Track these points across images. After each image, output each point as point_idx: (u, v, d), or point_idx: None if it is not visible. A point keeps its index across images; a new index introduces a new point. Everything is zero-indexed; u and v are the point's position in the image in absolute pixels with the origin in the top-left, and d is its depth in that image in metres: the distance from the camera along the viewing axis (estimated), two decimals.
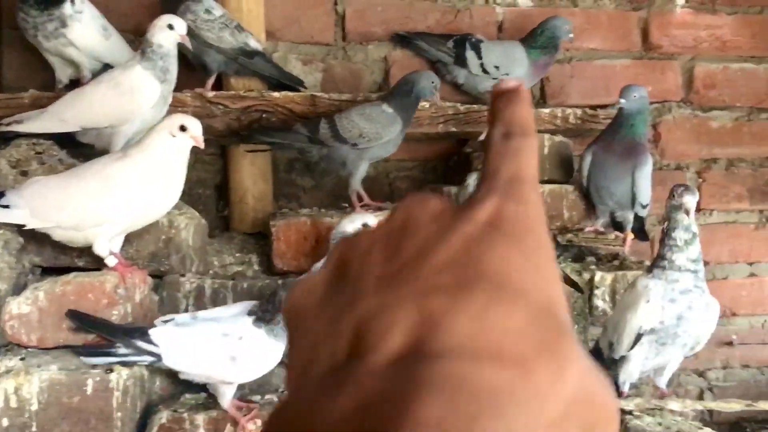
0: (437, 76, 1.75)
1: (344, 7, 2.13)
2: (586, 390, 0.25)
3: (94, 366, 1.31)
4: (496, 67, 2.02)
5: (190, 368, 1.36)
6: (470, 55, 2.02)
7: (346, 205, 1.87)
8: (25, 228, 1.38)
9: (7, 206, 1.34)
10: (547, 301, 0.26)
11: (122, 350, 1.32)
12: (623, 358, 1.39)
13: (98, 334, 1.33)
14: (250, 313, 1.37)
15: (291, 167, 2.11)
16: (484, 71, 2.02)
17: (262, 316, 1.35)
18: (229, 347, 1.34)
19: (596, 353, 1.50)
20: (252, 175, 1.95)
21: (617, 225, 1.94)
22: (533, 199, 0.29)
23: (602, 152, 1.83)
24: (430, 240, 0.28)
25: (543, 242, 0.28)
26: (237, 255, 1.82)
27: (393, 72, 2.15)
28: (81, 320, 1.33)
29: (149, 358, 1.33)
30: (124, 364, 1.33)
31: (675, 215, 1.38)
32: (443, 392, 0.23)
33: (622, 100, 1.77)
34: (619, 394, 1.41)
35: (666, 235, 1.39)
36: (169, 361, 1.34)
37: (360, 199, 1.78)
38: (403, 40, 2.10)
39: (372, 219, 1.52)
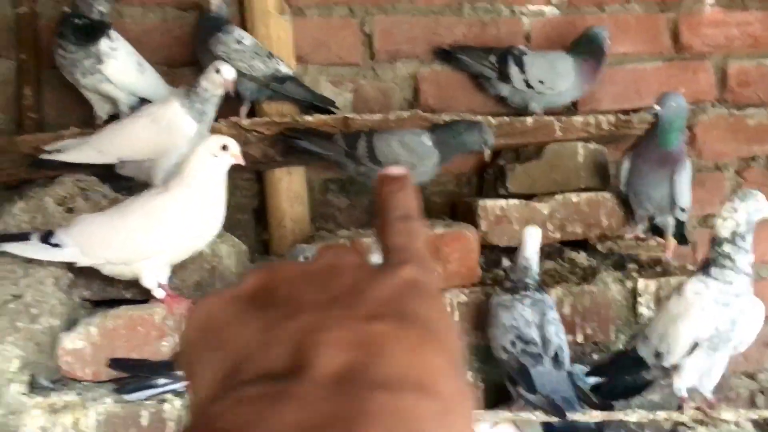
0: (489, 132, 1.72)
1: (371, 27, 2.15)
2: (473, 429, 0.28)
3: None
4: (541, 82, 2.00)
5: None
6: (513, 70, 2.00)
7: None
8: (75, 265, 1.41)
9: (57, 245, 1.38)
10: (457, 351, 0.30)
11: (162, 380, 1.33)
12: (676, 367, 1.38)
13: (143, 375, 1.35)
14: None
15: (326, 188, 2.13)
16: (528, 86, 2.01)
17: None
18: None
19: (637, 361, 1.46)
20: (289, 198, 1.97)
21: (657, 230, 1.92)
22: (435, 275, 0.34)
23: (640, 158, 1.81)
24: (361, 281, 0.31)
25: (446, 308, 0.34)
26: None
27: (423, 88, 2.16)
28: (123, 366, 1.35)
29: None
30: (166, 393, 1.35)
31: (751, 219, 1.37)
32: (385, 419, 0.25)
33: (658, 108, 1.75)
34: (680, 400, 1.40)
35: (734, 238, 1.36)
36: None
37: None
38: (445, 54, 2.08)
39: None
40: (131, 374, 1.35)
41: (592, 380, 1.54)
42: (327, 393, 0.25)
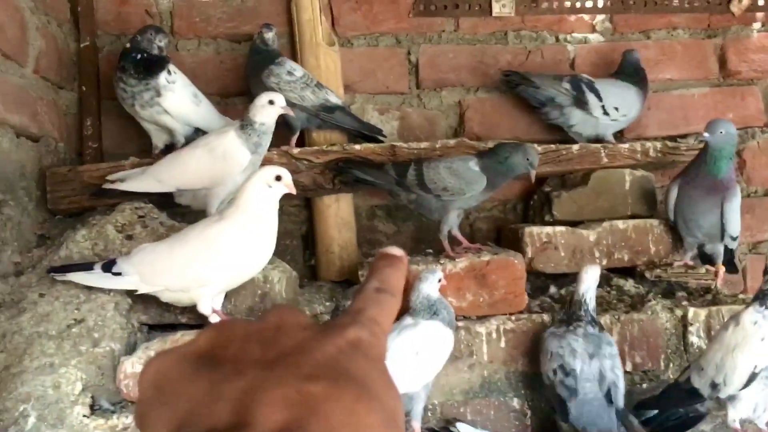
0: (533, 153, 1.72)
1: (417, 56, 2.19)
2: None
3: None
4: (616, 109, 2.02)
5: None
6: (590, 97, 2.01)
7: (430, 250, 1.90)
8: (136, 293, 1.47)
9: (119, 273, 1.43)
10: (393, 410, 0.32)
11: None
12: (732, 398, 1.36)
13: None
14: None
15: (373, 214, 2.17)
16: (605, 113, 2.02)
17: None
18: None
19: (691, 393, 1.45)
20: (337, 224, 2.01)
21: (706, 258, 1.91)
22: (383, 340, 0.36)
23: (688, 186, 1.80)
24: (305, 341, 0.33)
25: (387, 369, 0.34)
26: (327, 304, 1.87)
27: (468, 116, 2.19)
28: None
29: None
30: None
31: None
32: None
33: (707, 135, 1.74)
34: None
35: None
36: None
37: (457, 243, 1.80)
38: (513, 79, 2.09)
39: None
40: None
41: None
42: None
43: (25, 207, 1.71)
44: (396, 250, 0.41)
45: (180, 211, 1.81)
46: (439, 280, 1.59)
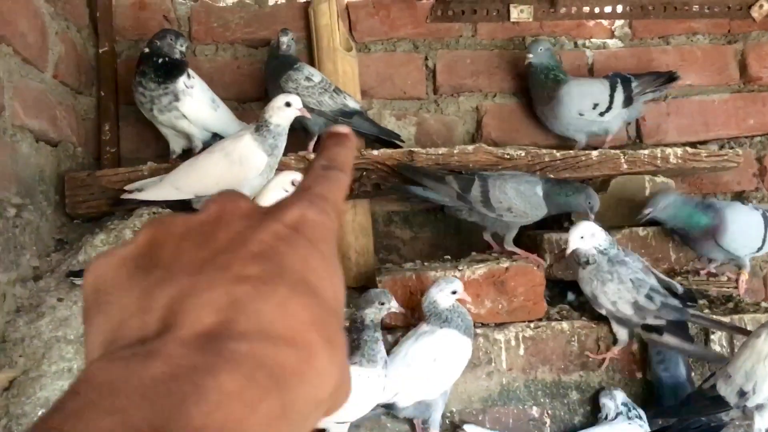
0: (595, 197, 1.72)
1: (434, 61, 2.18)
2: (344, 376, 0.30)
3: None
4: None
5: None
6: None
7: (448, 256, 1.89)
8: None
9: None
10: (333, 301, 0.31)
11: None
12: (760, 407, 1.34)
13: None
14: None
15: (389, 220, 2.16)
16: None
17: (350, 354, 1.40)
18: None
19: (716, 400, 1.43)
20: (354, 230, 2.00)
21: None
22: (332, 216, 0.34)
23: (682, 235, 1.83)
24: (241, 233, 0.31)
25: (334, 251, 0.33)
26: (344, 310, 1.86)
27: (485, 121, 2.18)
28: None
29: None
30: None
31: None
32: (245, 366, 0.26)
33: (649, 210, 1.78)
34: None
35: None
36: None
37: (489, 247, 1.81)
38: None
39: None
40: None
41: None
42: (191, 349, 0.27)
43: (44, 211, 1.72)
44: (342, 128, 0.39)
45: None
46: (454, 292, 1.56)
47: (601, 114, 2.03)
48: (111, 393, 0.25)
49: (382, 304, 1.44)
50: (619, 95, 2.01)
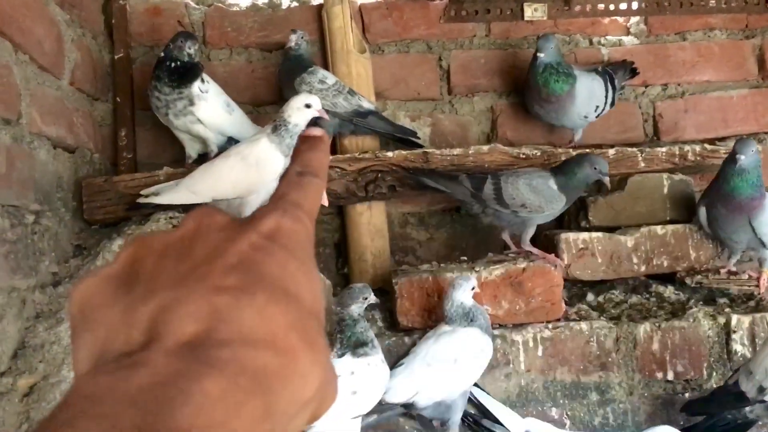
0: (601, 161, 1.70)
1: (448, 62, 2.18)
2: (328, 376, 0.31)
3: None
4: None
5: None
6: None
7: (464, 257, 1.88)
8: None
9: None
10: (312, 304, 0.32)
11: None
12: None
13: None
14: (340, 355, 1.44)
15: (405, 222, 2.15)
16: None
17: (350, 346, 1.43)
18: (346, 385, 1.40)
19: (737, 396, 1.41)
20: (370, 232, 2.00)
21: None
22: (306, 223, 0.35)
23: (714, 207, 1.75)
24: (218, 246, 0.32)
25: (310, 257, 0.34)
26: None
27: (500, 121, 2.17)
28: None
29: None
30: None
31: None
32: (227, 371, 0.28)
33: (742, 157, 1.68)
34: None
35: None
36: None
37: (507, 247, 1.81)
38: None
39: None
40: None
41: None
42: (175, 358, 0.28)
43: (62, 218, 1.73)
44: (315, 131, 0.40)
45: None
46: (473, 288, 1.57)
47: (597, 116, 2.02)
48: (100, 401, 0.26)
49: (365, 298, 1.49)
50: (609, 95, 2.01)
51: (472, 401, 1.57)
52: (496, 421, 1.56)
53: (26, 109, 1.56)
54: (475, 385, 1.58)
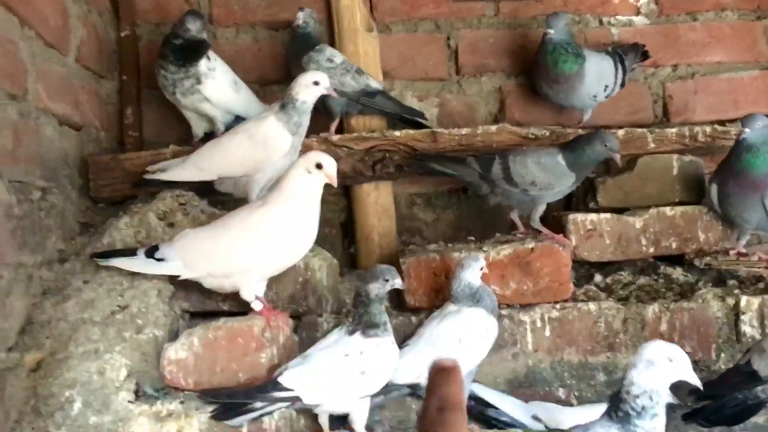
0: (610, 138, 1.69)
1: (456, 41, 2.16)
2: None
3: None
4: None
5: (326, 396, 1.39)
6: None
7: (472, 237, 1.88)
8: (179, 278, 1.46)
9: (162, 259, 1.43)
10: None
11: (258, 404, 1.35)
12: None
13: (237, 402, 1.34)
14: (350, 332, 1.43)
15: (412, 202, 2.14)
16: None
17: (361, 325, 1.42)
18: (355, 364, 1.39)
19: (749, 375, 1.40)
20: (377, 212, 1.99)
21: None
22: None
23: (726, 184, 1.74)
24: None
25: None
26: None
27: (508, 102, 2.16)
28: (216, 397, 1.37)
29: (284, 404, 1.36)
30: (263, 415, 1.36)
31: None
32: None
33: (747, 130, 1.66)
34: None
35: None
36: (308, 398, 1.36)
37: (515, 227, 1.80)
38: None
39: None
40: (224, 403, 1.34)
41: None
42: None
43: (68, 195, 1.72)
44: (448, 362, 0.41)
45: (220, 200, 1.80)
46: (481, 268, 1.57)
47: (607, 97, 2.00)
48: None
49: (386, 280, 1.46)
50: (620, 76, 1.99)
51: (473, 398, 1.55)
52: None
53: (32, 85, 1.55)
54: (474, 381, 1.57)
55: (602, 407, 1.20)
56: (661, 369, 1.13)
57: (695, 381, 1.16)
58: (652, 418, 1.12)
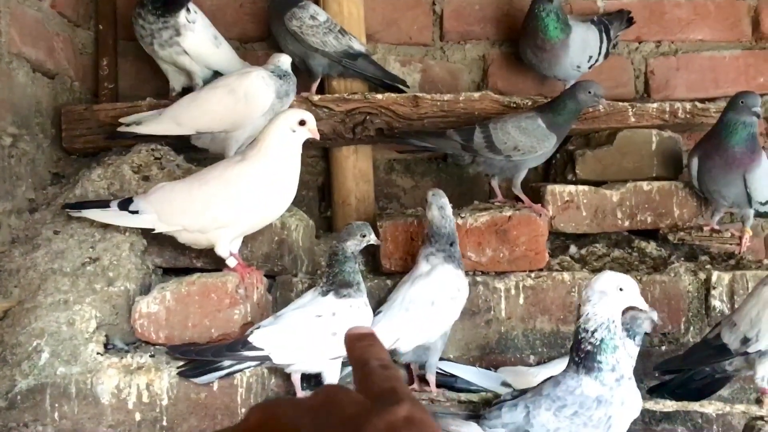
0: (593, 84, 1.69)
1: (442, 6, 2.13)
2: None
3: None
4: None
5: (297, 356, 1.38)
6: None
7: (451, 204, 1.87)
8: (153, 232, 1.44)
9: (136, 212, 1.40)
10: None
11: (227, 362, 1.34)
12: (762, 354, 1.33)
13: (205, 360, 1.33)
14: (324, 293, 1.42)
15: (391, 168, 2.13)
16: None
17: (335, 284, 1.41)
18: (327, 325, 1.38)
19: (719, 349, 1.42)
20: (355, 176, 1.97)
21: None
22: (430, 414, 0.36)
23: (708, 158, 1.75)
24: (358, 416, 0.33)
25: None
26: None
27: (491, 70, 2.14)
28: (184, 353, 1.35)
29: (254, 363, 1.35)
30: (232, 373, 1.35)
31: None
32: None
33: (758, 108, 1.68)
34: (761, 392, 1.35)
35: None
36: (279, 358, 1.36)
37: (494, 195, 1.79)
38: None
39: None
40: (194, 360, 1.33)
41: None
42: None
43: (40, 144, 1.68)
44: (363, 328, 0.43)
45: (196, 157, 1.77)
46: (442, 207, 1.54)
47: (590, 68, 2.00)
48: None
49: (363, 236, 1.45)
50: (604, 46, 1.98)
51: (442, 373, 1.56)
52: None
53: (5, 28, 1.50)
54: (441, 358, 1.56)
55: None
56: (613, 298, 1.17)
57: (644, 306, 1.24)
58: (614, 350, 1.15)
